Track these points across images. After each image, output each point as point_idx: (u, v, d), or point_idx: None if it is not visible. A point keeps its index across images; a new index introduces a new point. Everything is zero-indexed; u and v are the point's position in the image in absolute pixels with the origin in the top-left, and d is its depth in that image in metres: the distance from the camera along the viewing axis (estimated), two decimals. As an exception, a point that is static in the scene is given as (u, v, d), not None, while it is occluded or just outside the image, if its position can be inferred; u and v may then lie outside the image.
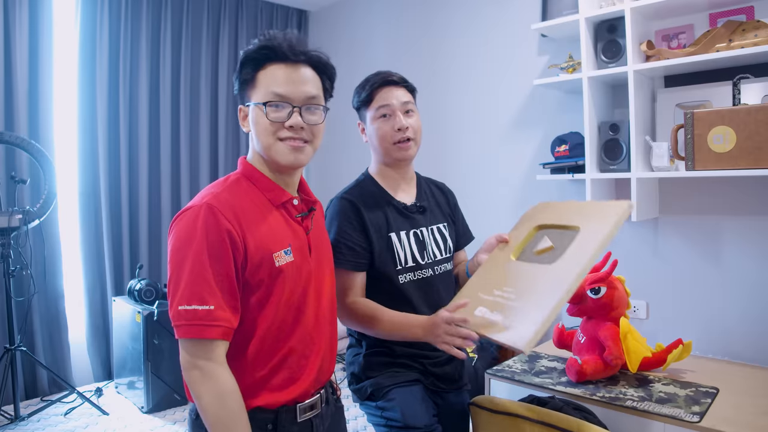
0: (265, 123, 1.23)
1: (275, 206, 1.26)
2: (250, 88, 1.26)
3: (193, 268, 1.11)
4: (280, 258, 1.21)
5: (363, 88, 1.76)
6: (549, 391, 2.02)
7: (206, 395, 1.11)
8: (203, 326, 1.09)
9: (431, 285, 1.75)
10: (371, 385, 1.72)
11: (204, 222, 1.12)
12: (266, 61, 1.24)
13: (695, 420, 1.73)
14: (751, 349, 2.35)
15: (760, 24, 2.15)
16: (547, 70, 2.92)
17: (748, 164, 2.06)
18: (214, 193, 1.19)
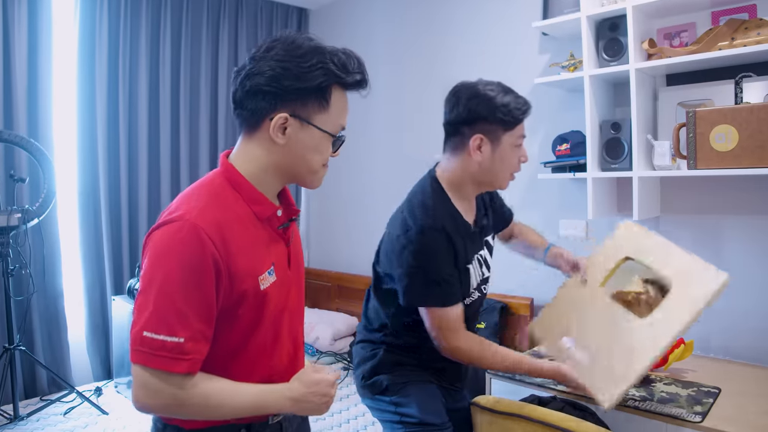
0: (327, 153, 1.19)
1: (260, 220, 1.18)
2: (317, 108, 1.14)
3: (166, 292, 1.02)
4: (265, 281, 1.15)
5: (511, 110, 1.62)
6: (550, 390, 2.01)
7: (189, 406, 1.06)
8: (170, 359, 1.02)
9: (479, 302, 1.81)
10: (387, 380, 1.72)
11: (187, 243, 1.03)
12: (340, 84, 1.16)
13: (697, 420, 1.73)
14: (753, 349, 2.34)
15: (762, 22, 2.14)
16: (548, 69, 2.91)
17: (751, 163, 2.06)
18: (199, 208, 1.08)
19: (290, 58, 1.10)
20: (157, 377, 1.02)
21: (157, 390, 1.03)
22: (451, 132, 1.69)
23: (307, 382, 1.18)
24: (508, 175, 1.70)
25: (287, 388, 1.17)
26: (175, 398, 1.04)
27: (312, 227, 4.56)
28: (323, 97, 1.13)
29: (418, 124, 3.65)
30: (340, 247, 4.28)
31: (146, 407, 1.05)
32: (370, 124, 3.93)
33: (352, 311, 4.05)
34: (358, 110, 3.97)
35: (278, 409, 1.16)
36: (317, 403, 1.18)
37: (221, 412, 1.10)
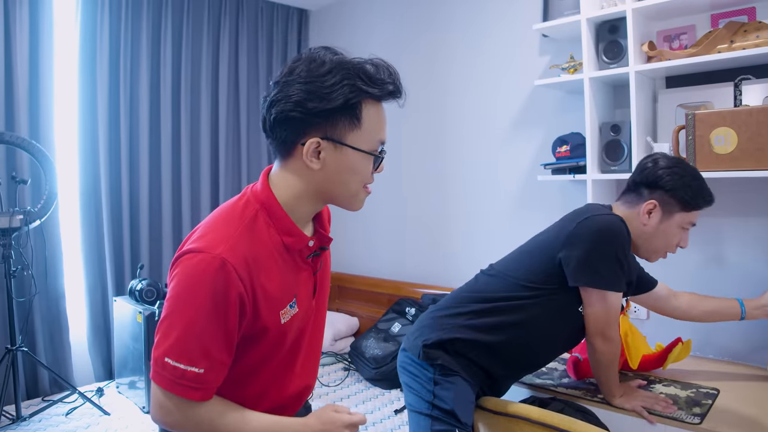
0: (366, 173, 1.13)
1: (289, 251, 1.15)
2: (349, 127, 1.08)
3: (190, 324, 1.03)
4: (286, 314, 1.14)
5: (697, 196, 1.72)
6: (550, 392, 2.02)
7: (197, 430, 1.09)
8: (188, 387, 1.04)
9: None
10: (444, 358, 1.73)
11: (215, 278, 1.02)
12: (370, 97, 1.10)
13: (696, 422, 1.74)
14: (752, 350, 2.35)
15: (761, 25, 2.15)
16: (548, 71, 2.92)
17: (750, 165, 2.07)
18: (231, 242, 1.06)
19: (313, 78, 1.05)
20: (172, 401, 1.05)
21: (170, 411, 1.06)
22: (632, 188, 1.80)
23: (324, 420, 1.16)
24: (661, 250, 1.80)
25: (302, 423, 1.15)
26: (187, 419, 1.07)
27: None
28: (354, 115, 1.07)
29: (417, 125, 3.66)
30: (340, 248, 4.28)
31: (161, 423, 1.09)
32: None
33: (352, 311, 4.07)
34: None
35: None
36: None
37: None
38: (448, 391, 1.67)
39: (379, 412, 3.04)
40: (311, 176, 1.11)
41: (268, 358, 1.17)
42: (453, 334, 1.75)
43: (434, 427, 1.66)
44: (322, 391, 3.25)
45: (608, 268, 1.67)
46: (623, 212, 1.78)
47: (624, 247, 1.69)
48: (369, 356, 3.42)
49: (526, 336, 1.76)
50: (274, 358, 1.18)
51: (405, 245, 3.86)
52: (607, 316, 1.71)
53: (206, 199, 4.01)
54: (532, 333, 1.76)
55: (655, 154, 1.78)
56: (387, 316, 3.65)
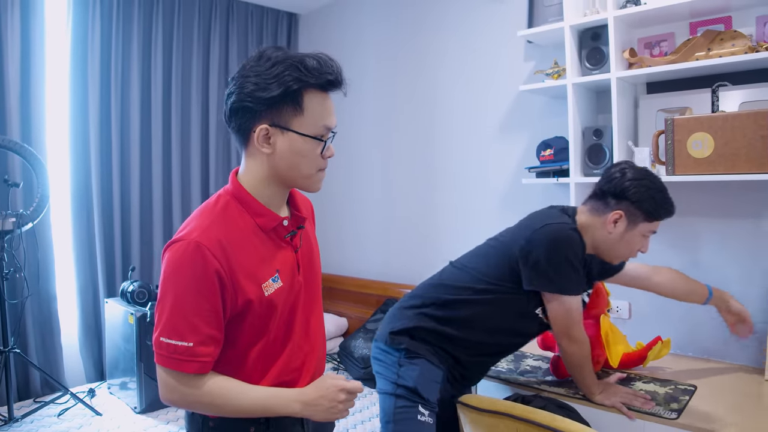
0: (314, 157, 1.23)
1: (265, 231, 1.26)
2: (292, 114, 1.19)
3: (175, 304, 1.15)
4: (269, 287, 1.23)
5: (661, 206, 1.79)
6: (533, 389, 2.08)
7: (200, 403, 1.19)
8: (181, 360, 1.14)
9: None
10: (408, 342, 1.83)
11: (190, 259, 1.14)
12: (310, 86, 1.19)
13: (673, 417, 1.80)
14: (728, 348, 2.42)
15: (736, 34, 2.22)
16: (533, 76, 2.98)
17: (725, 169, 2.14)
18: (204, 226, 1.19)
19: (260, 72, 1.18)
20: (173, 377, 1.17)
21: (173, 388, 1.18)
22: (599, 195, 1.86)
23: (320, 385, 1.26)
24: (624, 256, 1.88)
25: (299, 392, 1.25)
26: (188, 395, 1.17)
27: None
28: (296, 102, 1.18)
29: (406, 129, 3.71)
30: (330, 250, 4.33)
31: (168, 401, 1.20)
32: (360, 126, 3.99)
33: (341, 312, 4.11)
34: (349, 113, 4.05)
35: (288, 412, 1.22)
36: (326, 407, 1.24)
37: (230, 410, 1.20)
38: (412, 371, 1.77)
39: (368, 410, 3.09)
40: (267, 161, 1.23)
41: (262, 332, 1.24)
42: (416, 322, 1.85)
43: (398, 404, 1.77)
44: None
45: (561, 273, 1.76)
46: (588, 218, 1.86)
47: (576, 252, 1.78)
48: (358, 356, 3.47)
49: (482, 332, 1.85)
50: (269, 332, 1.25)
51: (393, 247, 3.91)
52: (567, 319, 1.80)
53: (197, 202, 4.04)
54: (488, 327, 1.86)
55: (623, 164, 1.85)
56: (375, 317, 3.71)
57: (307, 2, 4.32)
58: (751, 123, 2.07)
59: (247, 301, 1.20)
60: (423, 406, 1.73)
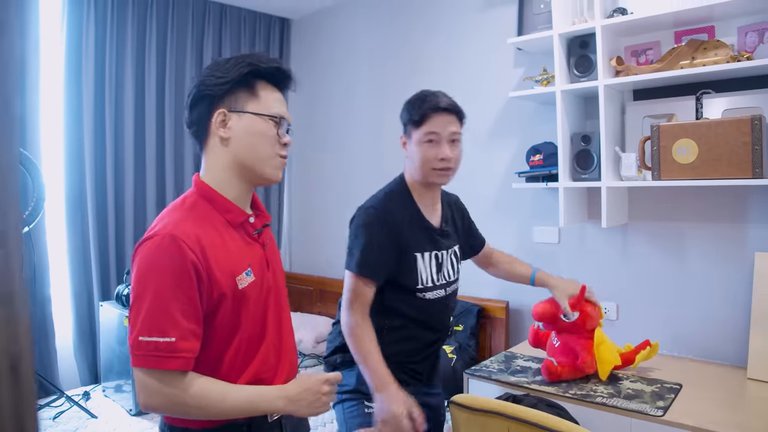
0: (272, 135, 1.28)
1: (233, 226, 1.28)
2: (247, 97, 1.27)
3: (155, 299, 1.12)
4: (243, 280, 1.24)
5: (416, 108, 1.80)
6: (524, 389, 2.13)
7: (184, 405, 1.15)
8: (163, 357, 1.11)
9: (443, 304, 1.89)
10: (341, 358, 1.86)
11: (167, 252, 1.14)
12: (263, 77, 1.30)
13: (659, 414, 1.86)
14: (712, 347, 2.49)
15: (719, 43, 2.29)
16: (522, 83, 3.04)
17: (709, 175, 2.20)
18: (176, 221, 1.20)
19: (215, 66, 1.28)
20: (154, 377, 1.13)
21: (155, 390, 1.13)
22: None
23: (301, 381, 1.28)
24: (425, 167, 1.79)
25: (281, 388, 1.26)
26: (171, 397, 1.14)
27: (294, 233, 4.65)
28: (250, 87, 1.27)
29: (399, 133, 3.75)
30: (321, 252, 4.37)
31: (149, 407, 1.16)
32: (351, 131, 4.04)
33: (333, 314, 4.12)
34: (341, 117, 4.09)
35: (272, 409, 1.24)
36: (310, 400, 1.26)
37: (214, 412, 1.18)
38: (350, 377, 1.80)
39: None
40: (227, 149, 1.27)
41: (235, 329, 1.24)
42: (341, 338, 1.85)
43: (346, 407, 1.81)
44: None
45: (351, 251, 1.78)
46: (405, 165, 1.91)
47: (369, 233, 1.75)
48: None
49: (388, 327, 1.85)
50: (242, 328, 1.25)
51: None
52: (346, 293, 1.77)
53: (190, 205, 4.06)
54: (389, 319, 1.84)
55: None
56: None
57: (299, 8, 4.36)
58: (733, 130, 2.14)
59: (221, 295, 1.20)
60: (368, 400, 1.75)
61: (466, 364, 2.88)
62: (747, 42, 2.34)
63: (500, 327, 3.12)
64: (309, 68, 4.45)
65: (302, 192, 4.58)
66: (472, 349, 3.07)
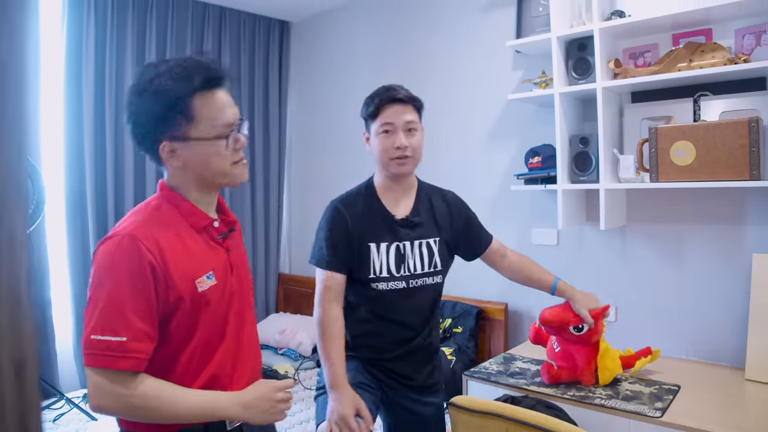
0: (224, 154, 1.25)
1: (197, 230, 1.28)
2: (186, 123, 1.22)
3: (109, 298, 1.12)
4: (203, 283, 1.23)
5: (371, 102, 1.84)
6: (523, 390, 2.14)
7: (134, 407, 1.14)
8: (114, 357, 1.10)
9: (403, 297, 1.87)
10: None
11: (126, 252, 1.14)
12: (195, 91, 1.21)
13: (657, 415, 1.87)
14: (711, 349, 2.50)
15: (716, 46, 2.30)
16: (521, 85, 3.05)
17: (706, 177, 2.21)
18: (137, 222, 1.20)
19: (142, 97, 1.21)
20: (105, 377, 1.11)
21: (106, 390, 1.12)
22: None
23: (257, 387, 1.28)
24: (385, 157, 1.83)
25: (236, 395, 1.25)
26: (122, 398, 1.12)
27: (294, 235, 4.66)
28: (183, 112, 1.20)
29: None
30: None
31: (99, 408, 1.14)
32: (351, 133, 4.04)
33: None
34: (340, 119, 4.10)
35: (226, 415, 1.23)
36: (264, 408, 1.26)
37: (166, 416, 1.16)
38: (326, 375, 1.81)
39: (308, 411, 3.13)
40: (184, 170, 1.26)
41: (192, 333, 1.23)
42: None
43: (320, 402, 1.85)
44: (305, 394, 3.33)
45: (316, 244, 1.87)
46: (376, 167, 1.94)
47: (329, 226, 1.84)
48: (351, 360, 3.51)
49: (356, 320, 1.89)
50: (199, 333, 1.24)
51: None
52: (316, 287, 1.84)
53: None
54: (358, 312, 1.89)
55: None
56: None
57: (299, 10, 4.37)
58: (731, 132, 2.15)
59: (179, 298, 1.19)
60: None
61: (465, 366, 2.88)
62: (744, 44, 2.35)
63: (499, 329, 3.13)
64: (309, 71, 4.46)
65: (302, 194, 4.59)
66: (471, 351, 3.08)
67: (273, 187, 4.54)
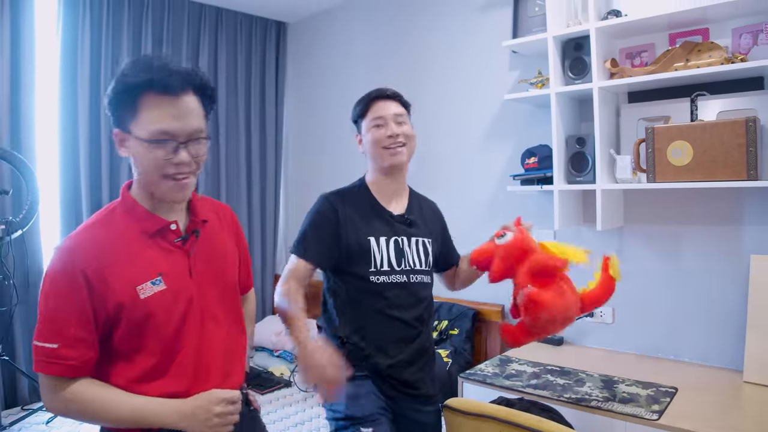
0: (155, 162, 1.20)
1: (149, 235, 1.26)
2: (128, 114, 1.20)
3: (45, 307, 1.17)
4: (146, 290, 1.21)
5: (360, 102, 1.90)
6: (518, 392, 2.12)
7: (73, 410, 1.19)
8: (47, 363, 1.15)
9: (405, 290, 1.85)
10: None
11: (58, 264, 1.17)
12: (146, 89, 1.18)
13: (654, 418, 1.85)
14: (709, 351, 2.47)
15: (713, 45, 2.29)
16: (517, 85, 3.03)
17: (704, 177, 2.19)
18: (79, 230, 1.23)
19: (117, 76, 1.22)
20: (47, 381, 1.18)
21: (49, 393, 1.18)
22: None
23: (198, 397, 1.24)
24: (381, 149, 1.85)
25: (176, 403, 1.23)
26: (62, 401, 1.18)
27: (291, 236, 4.62)
28: (130, 106, 1.19)
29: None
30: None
31: (48, 408, 1.21)
32: (348, 135, 4.02)
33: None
34: (337, 120, 4.08)
35: (161, 422, 1.20)
36: (201, 419, 1.22)
37: (103, 418, 1.19)
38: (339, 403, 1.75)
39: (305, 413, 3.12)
40: (135, 168, 1.25)
41: (139, 340, 1.22)
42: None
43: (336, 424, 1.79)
44: (300, 396, 3.31)
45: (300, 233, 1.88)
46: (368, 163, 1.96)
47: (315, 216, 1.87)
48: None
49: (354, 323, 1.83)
50: (148, 341, 1.22)
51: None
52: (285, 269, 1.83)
53: (185, 209, 4.04)
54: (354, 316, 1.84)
55: None
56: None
57: (295, 11, 4.36)
58: (728, 131, 2.13)
59: (119, 305, 1.19)
60: (363, 425, 1.72)
61: (462, 368, 2.86)
62: (741, 44, 2.34)
63: (495, 331, 3.11)
64: (305, 72, 4.44)
65: (298, 195, 4.57)
66: (467, 353, 3.06)
67: (269, 188, 4.52)
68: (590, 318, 2.79)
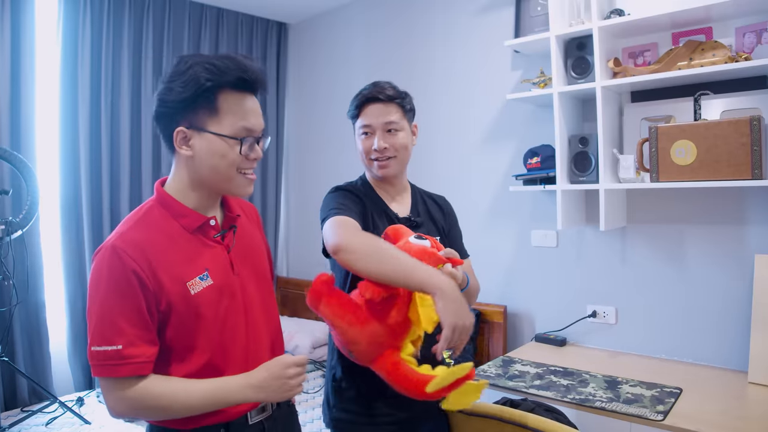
0: (233, 157, 1.23)
1: (190, 232, 1.27)
2: (205, 112, 1.21)
3: (100, 311, 1.15)
4: (195, 285, 1.23)
5: (354, 100, 1.78)
6: (522, 393, 2.11)
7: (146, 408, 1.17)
8: (114, 366, 1.14)
9: None
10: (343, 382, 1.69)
11: (108, 264, 1.16)
12: (229, 87, 1.22)
13: (659, 418, 1.84)
14: (714, 351, 2.46)
15: (717, 44, 2.28)
16: (520, 85, 3.02)
17: (707, 176, 2.18)
18: (121, 232, 1.21)
19: (173, 77, 1.21)
20: (114, 385, 1.16)
21: (117, 397, 1.16)
22: None
23: (266, 367, 1.26)
24: (368, 161, 1.77)
25: (246, 376, 1.24)
26: (133, 402, 1.16)
27: (291, 238, 4.62)
28: (209, 102, 1.20)
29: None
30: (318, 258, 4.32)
31: (117, 414, 1.19)
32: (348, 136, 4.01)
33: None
34: (338, 121, 4.07)
35: (241, 398, 1.22)
36: (277, 386, 1.24)
37: (180, 411, 1.18)
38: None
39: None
40: (190, 164, 1.25)
41: (194, 335, 1.23)
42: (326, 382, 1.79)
43: None
44: (301, 398, 3.30)
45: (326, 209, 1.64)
46: None
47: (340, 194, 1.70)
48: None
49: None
50: (201, 335, 1.23)
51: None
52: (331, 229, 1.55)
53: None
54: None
55: None
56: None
57: (296, 12, 4.35)
58: (732, 131, 2.12)
59: (170, 303, 1.19)
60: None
61: (464, 369, 2.85)
62: (745, 43, 2.33)
63: (498, 331, 3.09)
64: (306, 72, 4.44)
65: (299, 197, 4.56)
66: (470, 354, 3.04)
67: (270, 188, 4.51)
68: (593, 318, 2.78)
